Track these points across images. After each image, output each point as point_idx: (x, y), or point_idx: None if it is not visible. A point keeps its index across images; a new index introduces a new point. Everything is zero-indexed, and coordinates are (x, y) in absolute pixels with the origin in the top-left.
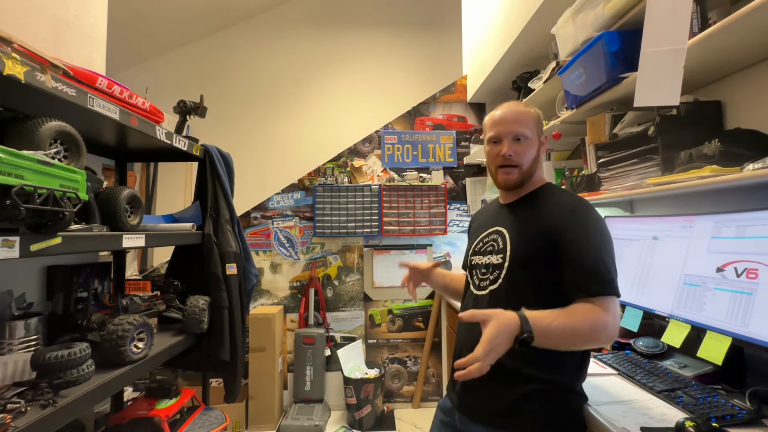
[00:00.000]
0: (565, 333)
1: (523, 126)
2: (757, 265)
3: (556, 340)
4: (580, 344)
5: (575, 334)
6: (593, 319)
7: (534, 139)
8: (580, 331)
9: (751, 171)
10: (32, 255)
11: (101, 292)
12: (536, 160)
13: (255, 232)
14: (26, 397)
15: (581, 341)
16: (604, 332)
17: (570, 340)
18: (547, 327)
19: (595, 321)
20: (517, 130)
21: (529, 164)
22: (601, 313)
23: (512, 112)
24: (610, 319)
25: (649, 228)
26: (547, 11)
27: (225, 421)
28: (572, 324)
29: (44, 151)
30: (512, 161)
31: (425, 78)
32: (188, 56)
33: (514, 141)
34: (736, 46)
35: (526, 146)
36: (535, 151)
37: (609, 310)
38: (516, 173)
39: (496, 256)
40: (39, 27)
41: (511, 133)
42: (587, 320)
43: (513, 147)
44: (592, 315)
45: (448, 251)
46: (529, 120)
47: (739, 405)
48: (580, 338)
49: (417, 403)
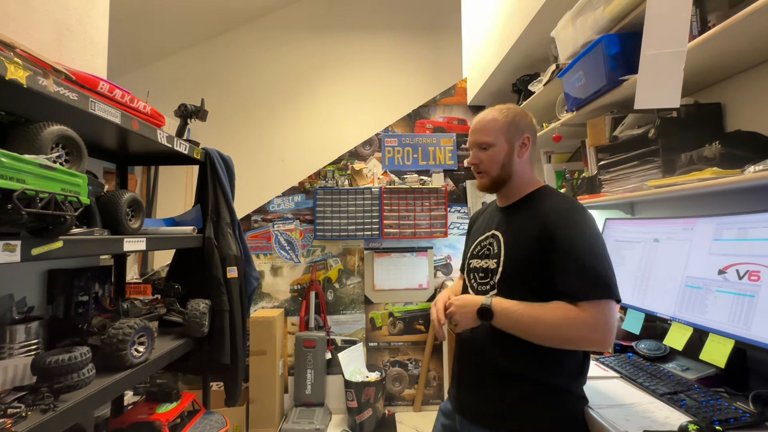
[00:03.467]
0: (526, 317)
1: (485, 135)
2: (759, 267)
3: (516, 325)
4: (546, 337)
5: (537, 322)
6: (562, 315)
7: (501, 145)
8: (544, 321)
9: (752, 173)
10: (33, 259)
11: (102, 296)
12: (507, 165)
13: (256, 235)
14: (27, 402)
15: (546, 334)
16: (573, 331)
17: (532, 329)
18: (508, 307)
19: (564, 317)
20: (479, 139)
21: (497, 169)
22: (574, 312)
23: (477, 121)
24: (586, 320)
25: (650, 230)
26: (547, 14)
27: (226, 425)
28: (536, 313)
29: (46, 155)
30: (479, 168)
31: (425, 81)
32: (189, 60)
33: (479, 149)
34: (735, 48)
35: (491, 153)
36: (502, 156)
37: (589, 311)
38: (486, 178)
39: (492, 261)
40: (41, 31)
41: (474, 143)
42: (555, 315)
43: (477, 155)
44: (562, 311)
45: (449, 254)
46: (495, 127)
47: (743, 408)
48: (543, 329)
49: (418, 406)
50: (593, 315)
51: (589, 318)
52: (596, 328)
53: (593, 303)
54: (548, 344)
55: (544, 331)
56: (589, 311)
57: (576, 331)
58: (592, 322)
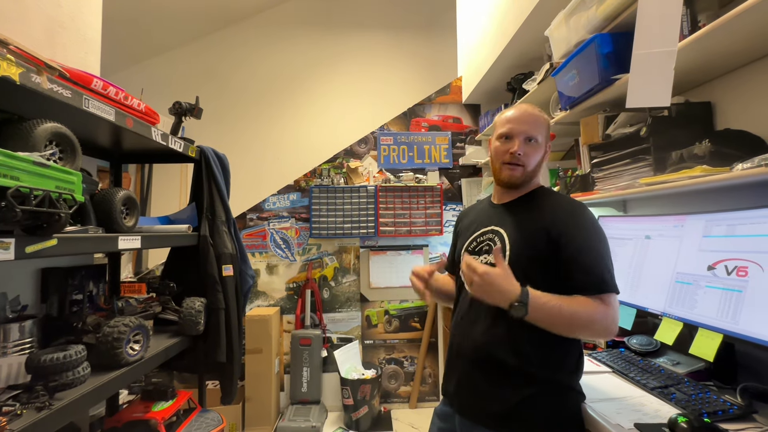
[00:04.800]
0: (562, 312)
1: (536, 130)
2: (746, 263)
3: (549, 319)
4: (576, 329)
5: (573, 316)
6: (593, 307)
7: (543, 144)
8: (578, 315)
9: (740, 171)
10: (28, 257)
11: (96, 295)
12: (539, 165)
13: (251, 234)
14: (21, 400)
15: (578, 326)
16: (602, 322)
17: (566, 321)
18: (544, 303)
19: (595, 310)
20: (530, 132)
21: (534, 166)
22: (601, 305)
23: (528, 114)
24: (611, 311)
25: (641, 227)
26: (541, 13)
27: (222, 423)
28: (571, 307)
29: (40, 152)
30: (519, 160)
31: (421, 79)
32: (184, 57)
33: (526, 141)
34: (725, 48)
35: (535, 149)
36: (541, 155)
37: (609, 304)
38: (521, 172)
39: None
40: (33, 28)
41: (524, 133)
42: (587, 308)
43: (524, 147)
44: (592, 304)
45: (444, 252)
46: (542, 126)
47: (731, 401)
48: (577, 321)
49: (414, 403)
50: (613, 307)
51: (611, 310)
52: (615, 319)
53: (610, 296)
54: (574, 335)
55: (580, 324)
56: (610, 304)
57: (604, 322)
58: (613, 314)
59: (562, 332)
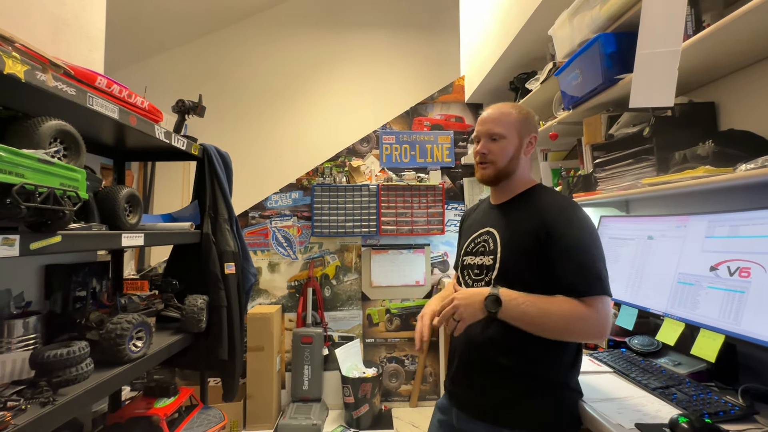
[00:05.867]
0: (535, 309)
1: (499, 126)
2: (749, 264)
3: (523, 316)
4: (553, 330)
5: (546, 315)
6: (570, 309)
7: (512, 138)
8: (552, 315)
9: (743, 171)
10: (32, 253)
11: (99, 291)
12: (515, 159)
13: (253, 232)
14: (26, 396)
15: (553, 328)
16: (581, 324)
17: (540, 321)
18: (515, 298)
19: (572, 311)
20: (492, 130)
21: (505, 162)
22: (581, 307)
23: (493, 112)
24: (592, 314)
25: (644, 228)
26: (545, 13)
27: (223, 420)
28: (545, 306)
29: (44, 149)
30: (486, 158)
31: (423, 78)
32: (187, 55)
33: (490, 140)
34: (729, 48)
35: (502, 145)
36: (512, 150)
37: (593, 306)
38: (490, 169)
39: (488, 257)
40: (37, 26)
41: (486, 132)
42: (563, 308)
43: (487, 145)
44: (569, 305)
45: (446, 251)
46: (509, 121)
47: (732, 401)
48: (551, 322)
49: (414, 402)
50: (597, 309)
51: (594, 312)
52: (599, 322)
53: (596, 298)
54: (551, 336)
55: (552, 323)
56: (594, 306)
57: (582, 324)
58: (596, 316)
59: (540, 333)
